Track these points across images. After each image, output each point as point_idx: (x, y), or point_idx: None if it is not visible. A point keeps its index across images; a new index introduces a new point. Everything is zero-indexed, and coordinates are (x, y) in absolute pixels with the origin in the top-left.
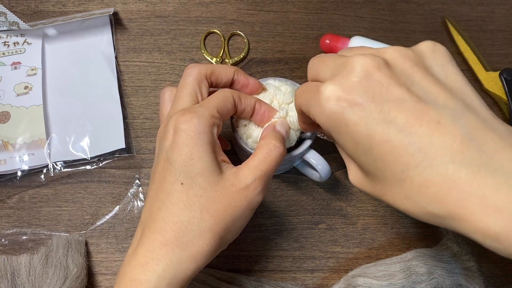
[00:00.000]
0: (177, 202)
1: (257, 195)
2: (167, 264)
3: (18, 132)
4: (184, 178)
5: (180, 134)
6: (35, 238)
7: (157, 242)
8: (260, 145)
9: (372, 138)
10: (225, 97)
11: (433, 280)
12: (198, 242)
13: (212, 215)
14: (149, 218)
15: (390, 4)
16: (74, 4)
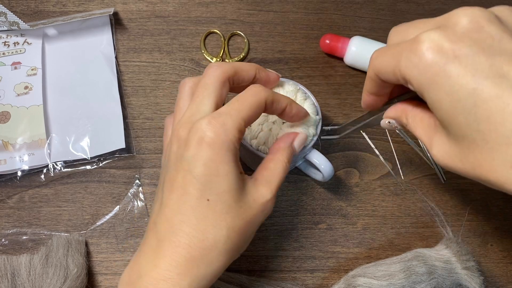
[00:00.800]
0: (203, 218)
1: (271, 209)
2: (192, 280)
3: (18, 132)
4: (210, 194)
5: (206, 148)
6: (35, 238)
7: (182, 257)
8: (273, 159)
9: (479, 93)
10: (258, 105)
11: (433, 280)
12: (223, 259)
13: (237, 232)
14: (169, 231)
15: (390, 4)
16: (74, 4)
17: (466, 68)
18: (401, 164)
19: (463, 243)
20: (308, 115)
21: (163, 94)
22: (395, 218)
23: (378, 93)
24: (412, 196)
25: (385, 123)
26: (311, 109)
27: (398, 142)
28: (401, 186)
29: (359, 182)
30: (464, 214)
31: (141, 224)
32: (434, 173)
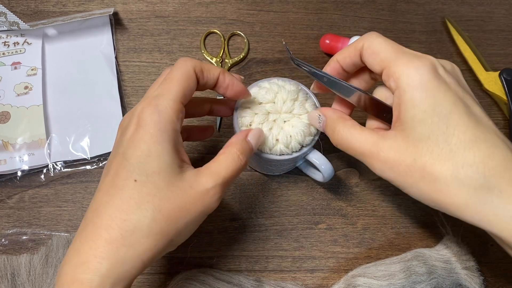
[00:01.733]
0: (128, 199)
1: (214, 202)
2: (112, 263)
3: (18, 132)
4: (138, 175)
5: (140, 131)
6: (35, 238)
7: (101, 239)
8: (224, 151)
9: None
10: (186, 76)
11: (433, 280)
12: (146, 242)
13: (164, 216)
14: (94, 214)
15: (390, 4)
16: (74, 4)
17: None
18: None
19: (463, 243)
20: (247, 93)
21: None
22: (395, 218)
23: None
24: None
25: (314, 116)
26: (311, 109)
27: None
28: None
29: (359, 182)
30: None
31: None
32: None
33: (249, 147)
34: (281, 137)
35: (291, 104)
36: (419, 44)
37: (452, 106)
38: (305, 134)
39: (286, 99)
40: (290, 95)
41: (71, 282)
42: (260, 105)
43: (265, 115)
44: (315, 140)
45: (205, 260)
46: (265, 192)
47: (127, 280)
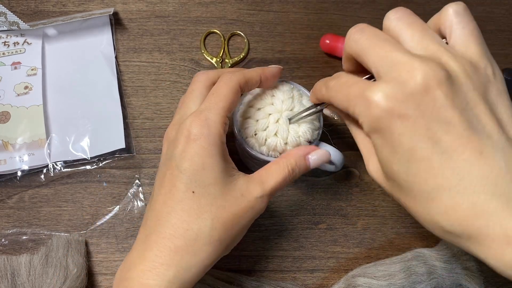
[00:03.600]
0: (188, 209)
1: (262, 208)
2: (177, 270)
3: (18, 132)
4: (196, 187)
5: (192, 144)
6: (35, 238)
7: (166, 248)
8: (279, 162)
9: (413, 152)
10: (232, 91)
11: (433, 280)
12: (207, 249)
13: (222, 224)
14: (157, 224)
15: (390, 4)
16: (74, 4)
17: (407, 129)
18: None
19: None
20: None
21: (163, 94)
22: (395, 218)
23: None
24: None
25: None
26: (309, 104)
27: None
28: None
29: (359, 182)
30: None
31: (141, 224)
32: None
33: (305, 165)
34: (289, 140)
35: (290, 102)
36: None
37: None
38: (312, 130)
39: (284, 98)
40: (286, 94)
41: (138, 286)
42: (260, 110)
43: (266, 118)
44: (319, 133)
45: None
46: None
47: (190, 285)
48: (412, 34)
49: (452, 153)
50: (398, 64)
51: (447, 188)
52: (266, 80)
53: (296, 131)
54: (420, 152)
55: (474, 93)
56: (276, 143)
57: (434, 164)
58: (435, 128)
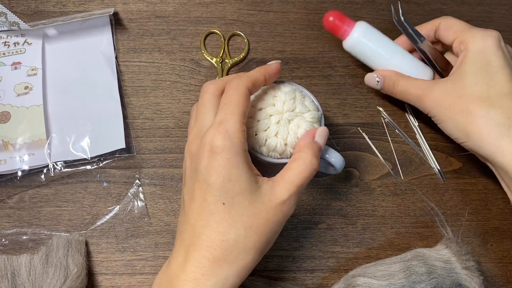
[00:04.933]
0: (221, 221)
1: (291, 208)
2: (217, 280)
3: (18, 132)
4: (225, 199)
5: (216, 157)
6: (36, 238)
7: (205, 259)
8: (296, 158)
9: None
10: (244, 97)
11: (433, 280)
12: (244, 257)
13: (255, 231)
14: (193, 236)
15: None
16: (74, 4)
17: (505, 57)
18: (401, 164)
19: (463, 243)
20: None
21: (163, 94)
22: (395, 218)
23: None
24: (412, 196)
25: (372, 77)
26: (312, 106)
27: (398, 142)
28: (401, 186)
29: (359, 182)
30: (464, 214)
31: (141, 224)
32: (434, 173)
33: (318, 148)
34: (289, 141)
35: (291, 103)
36: None
37: (499, 68)
38: None
39: (285, 99)
40: (288, 95)
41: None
42: (261, 111)
43: (267, 119)
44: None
45: None
46: None
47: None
48: None
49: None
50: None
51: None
52: (270, 78)
53: (296, 132)
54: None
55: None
56: (276, 143)
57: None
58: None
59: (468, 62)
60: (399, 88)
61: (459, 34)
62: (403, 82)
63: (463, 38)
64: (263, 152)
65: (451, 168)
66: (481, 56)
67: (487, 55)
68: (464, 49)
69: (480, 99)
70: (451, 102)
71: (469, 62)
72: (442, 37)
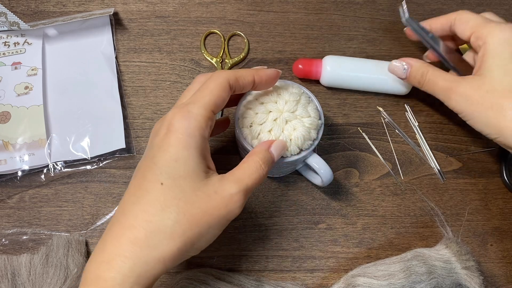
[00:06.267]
0: (154, 201)
1: (237, 208)
2: (134, 263)
3: (19, 132)
4: (165, 178)
5: (169, 135)
6: (36, 238)
7: (125, 238)
8: (248, 160)
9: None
10: (220, 87)
11: (433, 280)
12: (169, 244)
13: (188, 219)
14: (121, 214)
15: (390, 4)
16: (74, 4)
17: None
18: (400, 164)
19: (463, 243)
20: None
21: (163, 94)
22: (395, 218)
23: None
24: (412, 196)
25: (398, 66)
26: (313, 113)
27: (397, 142)
28: (401, 186)
29: (359, 182)
30: (464, 214)
31: None
32: (433, 173)
33: (271, 158)
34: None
35: (293, 105)
36: (419, 44)
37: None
38: (305, 139)
39: (288, 99)
40: (293, 96)
41: (95, 279)
42: (262, 105)
43: (265, 114)
44: (314, 144)
45: (205, 260)
46: (265, 192)
47: (148, 280)
48: None
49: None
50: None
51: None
52: (261, 81)
53: (290, 134)
54: None
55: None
56: (267, 139)
57: None
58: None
59: (491, 56)
60: (427, 78)
61: (475, 28)
62: (432, 72)
63: (480, 33)
64: (253, 145)
65: (451, 168)
66: (503, 48)
67: (509, 47)
68: (483, 44)
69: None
70: (480, 97)
71: (492, 56)
72: (458, 32)
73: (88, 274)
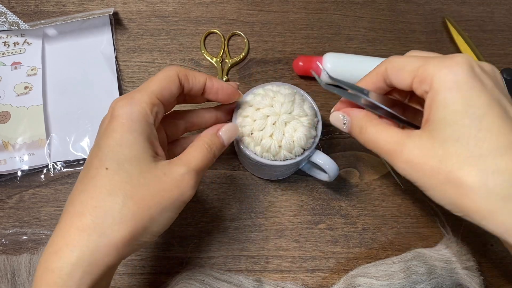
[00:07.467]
0: (99, 186)
1: (189, 189)
2: (82, 251)
3: (18, 132)
4: (109, 163)
5: (113, 121)
6: (35, 238)
7: (73, 227)
8: (193, 144)
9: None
10: (168, 78)
11: (433, 280)
12: (119, 229)
13: (136, 202)
14: (69, 203)
15: (390, 4)
16: (74, 4)
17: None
18: None
19: (463, 243)
20: (238, 94)
21: None
22: (395, 218)
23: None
24: (412, 196)
25: (338, 117)
26: (310, 111)
27: None
28: (401, 186)
29: (359, 182)
30: None
31: None
32: None
33: (219, 141)
34: (283, 143)
35: (289, 105)
36: (419, 44)
37: (486, 108)
38: (307, 138)
39: (283, 101)
40: (287, 97)
41: (43, 271)
42: (258, 111)
43: (263, 120)
44: (316, 142)
45: (205, 260)
46: (265, 192)
47: (101, 268)
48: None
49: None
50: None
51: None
52: (212, 88)
53: (292, 135)
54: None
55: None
56: (270, 144)
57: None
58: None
59: (440, 106)
60: (366, 137)
61: (417, 71)
62: (371, 130)
63: (424, 75)
64: (257, 152)
65: None
66: (455, 96)
67: (463, 92)
68: (429, 89)
69: (470, 161)
70: (432, 168)
71: (442, 106)
72: (396, 83)
73: (37, 267)
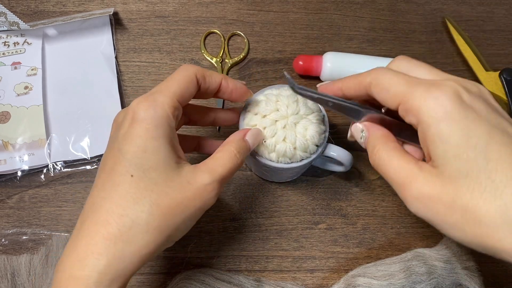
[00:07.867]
0: (125, 194)
1: (212, 198)
2: (109, 260)
3: (18, 132)
4: (135, 170)
5: (136, 125)
6: (35, 238)
7: (99, 235)
8: (222, 149)
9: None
10: (187, 78)
11: (433, 280)
12: (144, 237)
13: (162, 211)
14: (91, 209)
15: (390, 4)
16: (74, 4)
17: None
18: None
19: None
20: (250, 93)
21: None
22: (395, 218)
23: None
24: None
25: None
26: (315, 107)
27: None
28: None
29: (359, 182)
30: None
31: None
32: None
33: (246, 146)
34: (298, 144)
35: (295, 106)
36: (419, 44)
37: (487, 137)
38: (319, 134)
39: (288, 103)
40: (290, 98)
41: (68, 279)
42: (265, 118)
43: (273, 125)
44: (326, 136)
45: (205, 260)
46: (265, 192)
47: (126, 276)
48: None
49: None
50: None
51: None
52: (227, 87)
53: (304, 135)
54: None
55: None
56: (285, 148)
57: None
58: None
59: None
60: (376, 161)
61: (401, 99)
62: (383, 154)
63: (409, 106)
64: (273, 159)
65: None
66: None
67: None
68: (417, 123)
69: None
70: (446, 206)
71: (439, 140)
72: (380, 100)
73: (60, 274)
